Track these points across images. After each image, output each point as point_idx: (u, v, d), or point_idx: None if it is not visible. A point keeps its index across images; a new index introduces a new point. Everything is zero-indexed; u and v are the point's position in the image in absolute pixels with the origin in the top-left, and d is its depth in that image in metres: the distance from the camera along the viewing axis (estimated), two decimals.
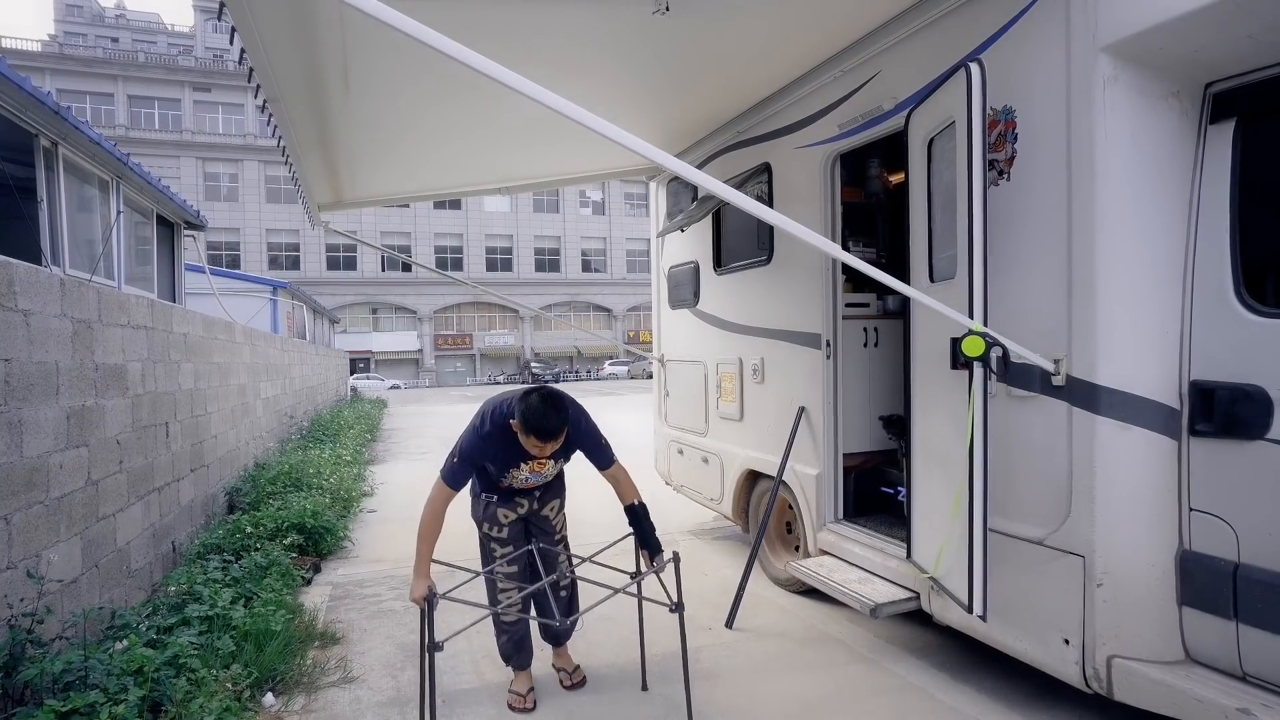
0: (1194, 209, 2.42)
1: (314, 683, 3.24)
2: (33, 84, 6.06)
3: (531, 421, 2.65)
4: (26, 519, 2.72)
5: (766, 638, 3.64)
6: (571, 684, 3.16)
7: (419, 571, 2.69)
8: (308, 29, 3.04)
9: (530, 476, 2.93)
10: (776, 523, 4.57)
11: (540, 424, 2.64)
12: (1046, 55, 2.55)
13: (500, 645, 3.10)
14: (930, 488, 3.02)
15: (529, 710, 2.96)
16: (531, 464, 2.87)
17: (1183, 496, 2.39)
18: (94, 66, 39.58)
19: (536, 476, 2.95)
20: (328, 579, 4.85)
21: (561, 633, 3.17)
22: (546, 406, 2.68)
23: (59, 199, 6.90)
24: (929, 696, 2.99)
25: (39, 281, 2.91)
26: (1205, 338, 2.36)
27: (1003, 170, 2.74)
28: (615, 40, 3.41)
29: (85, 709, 2.33)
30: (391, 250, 13.29)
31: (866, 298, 4.18)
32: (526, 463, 2.86)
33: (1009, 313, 2.69)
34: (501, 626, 3.07)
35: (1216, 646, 2.31)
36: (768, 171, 4.31)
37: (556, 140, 4.71)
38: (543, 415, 2.65)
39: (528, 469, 2.89)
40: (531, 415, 2.65)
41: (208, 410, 5.39)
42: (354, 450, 9.65)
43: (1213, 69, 2.35)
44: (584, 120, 1.93)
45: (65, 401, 3.08)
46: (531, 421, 2.65)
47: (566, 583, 3.16)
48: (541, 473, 2.94)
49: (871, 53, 3.41)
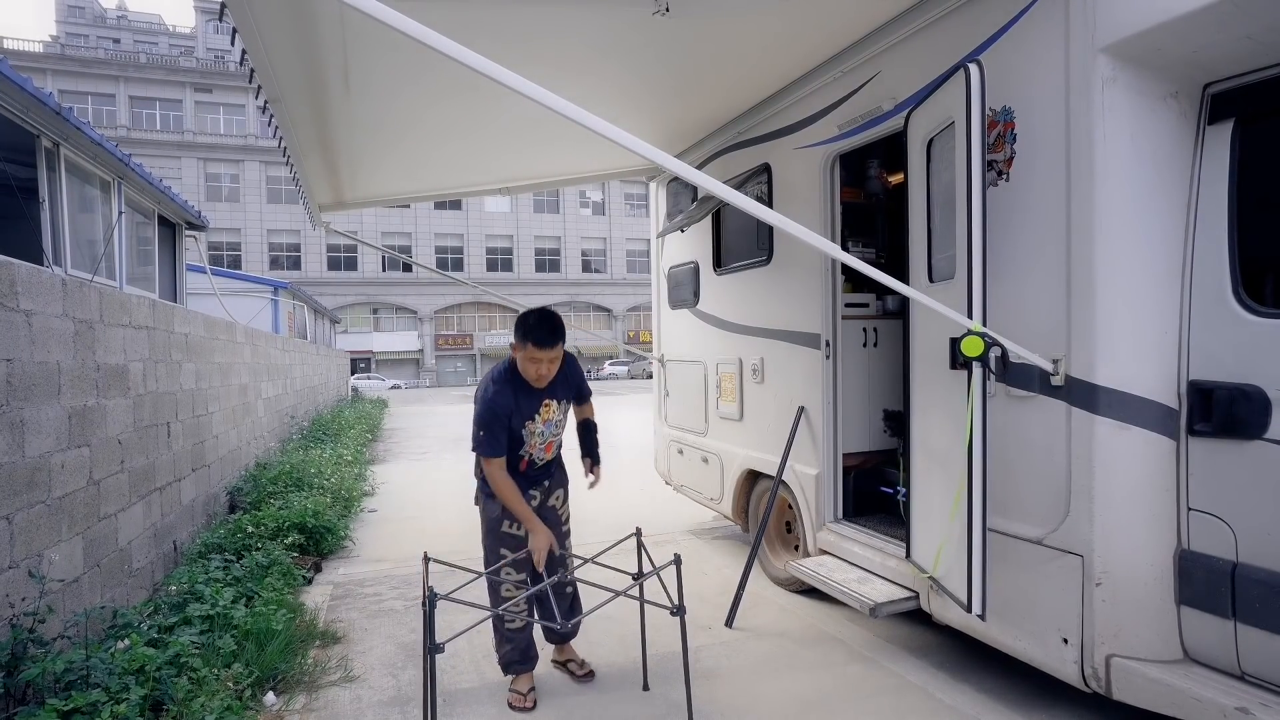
0: (1192, 209, 2.42)
1: (315, 682, 3.24)
2: (34, 85, 6.07)
3: (531, 329, 2.82)
4: (28, 519, 2.73)
5: (766, 637, 3.65)
6: (583, 673, 3.19)
7: (533, 525, 2.85)
8: (309, 30, 3.04)
9: (544, 429, 2.99)
10: (776, 522, 4.57)
11: (539, 326, 2.82)
12: (1045, 56, 2.56)
13: (503, 655, 3.05)
14: (930, 488, 3.03)
15: (529, 710, 2.95)
16: (542, 411, 2.96)
17: (1181, 496, 2.40)
18: (95, 67, 39.62)
19: (549, 427, 3.01)
20: (328, 578, 4.86)
21: (565, 633, 3.19)
22: (540, 316, 2.88)
23: (61, 199, 6.92)
24: (928, 696, 2.99)
25: (41, 282, 2.92)
26: (1204, 338, 2.37)
27: (1002, 171, 2.74)
28: (615, 41, 3.41)
29: (87, 708, 2.33)
30: (392, 250, 13.33)
31: (866, 298, 4.18)
32: (538, 413, 2.96)
33: (1008, 313, 2.70)
34: (506, 635, 3.02)
35: (1215, 646, 2.31)
36: (767, 172, 4.32)
37: (557, 141, 4.72)
38: (539, 321, 2.85)
39: (540, 419, 2.97)
40: (530, 325, 2.84)
41: (209, 410, 5.40)
42: (355, 450, 9.67)
43: (1211, 70, 2.35)
44: (584, 121, 1.94)
45: (67, 401, 3.09)
46: (531, 329, 2.82)
47: (570, 583, 3.16)
48: (551, 420, 3.01)
49: (871, 53, 3.42)
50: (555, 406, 3.01)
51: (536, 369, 2.86)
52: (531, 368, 2.86)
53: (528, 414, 2.93)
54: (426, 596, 2.38)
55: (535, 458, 3.04)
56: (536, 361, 2.83)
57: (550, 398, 2.97)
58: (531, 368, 2.86)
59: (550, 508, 3.14)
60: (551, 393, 2.98)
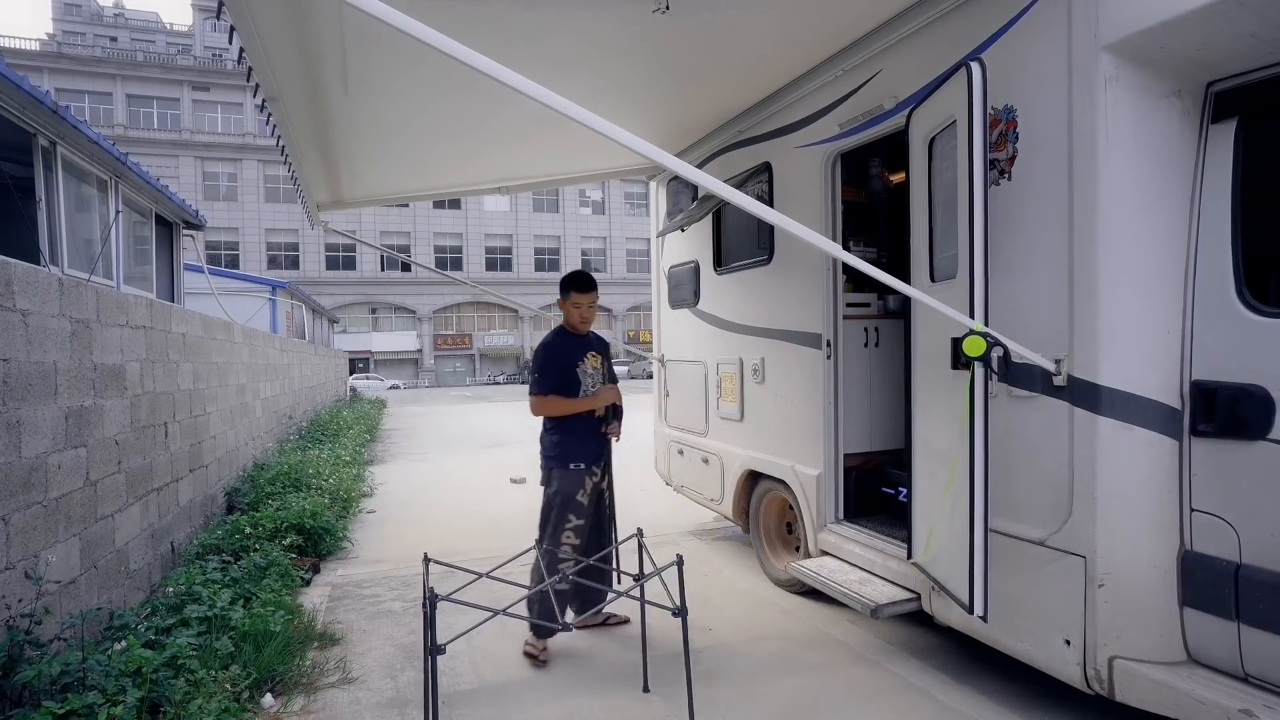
0: (1195, 208, 2.41)
1: (313, 683, 3.23)
2: (31, 83, 6.04)
3: (573, 280, 3.61)
4: (25, 519, 2.71)
5: (767, 638, 3.64)
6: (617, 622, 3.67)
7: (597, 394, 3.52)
8: (306, 28, 3.03)
9: (592, 373, 3.56)
10: (777, 523, 4.57)
11: (577, 277, 3.62)
12: (1048, 54, 2.55)
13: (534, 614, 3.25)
14: (931, 488, 3.01)
15: (543, 663, 3.29)
16: (589, 358, 3.57)
17: (1184, 497, 2.39)
18: (92, 66, 39.55)
19: (595, 374, 3.57)
20: (327, 579, 4.84)
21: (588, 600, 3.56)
22: (577, 272, 3.68)
23: (57, 198, 6.89)
24: (930, 698, 2.98)
25: (37, 281, 2.90)
26: (1207, 337, 2.35)
27: (1004, 169, 2.73)
28: (615, 39, 3.40)
29: (83, 710, 2.32)
30: (391, 250, 13.31)
31: (867, 297, 4.17)
32: (584, 358, 3.56)
33: (1010, 312, 2.69)
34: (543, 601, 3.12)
35: (1218, 647, 2.30)
36: (768, 171, 4.30)
37: (556, 139, 4.70)
38: (576, 274, 3.65)
39: (588, 364, 3.55)
40: (572, 279, 3.63)
41: (206, 410, 5.38)
42: (353, 451, 9.64)
43: (1214, 68, 2.34)
44: (584, 119, 1.92)
45: (64, 402, 3.07)
46: (573, 280, 3.61)
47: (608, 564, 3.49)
48: (596, 370, 3.59)
49: (872, 52, 3.41)
50: (598, 360, 3.62)
51: (580, 313, 3.56)
52: (575, 312, 3.56)
53: (578, 356, 3.55)
54: (427, 597, 2.36)
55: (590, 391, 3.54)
56: (579, 306, 3.55)
57: (591, 350, 3.61)
58: (575, 312, 3.56)
59: (601, 490, 3.58)
60: (590, 345, 3.62)
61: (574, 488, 3.44)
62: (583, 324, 3.59)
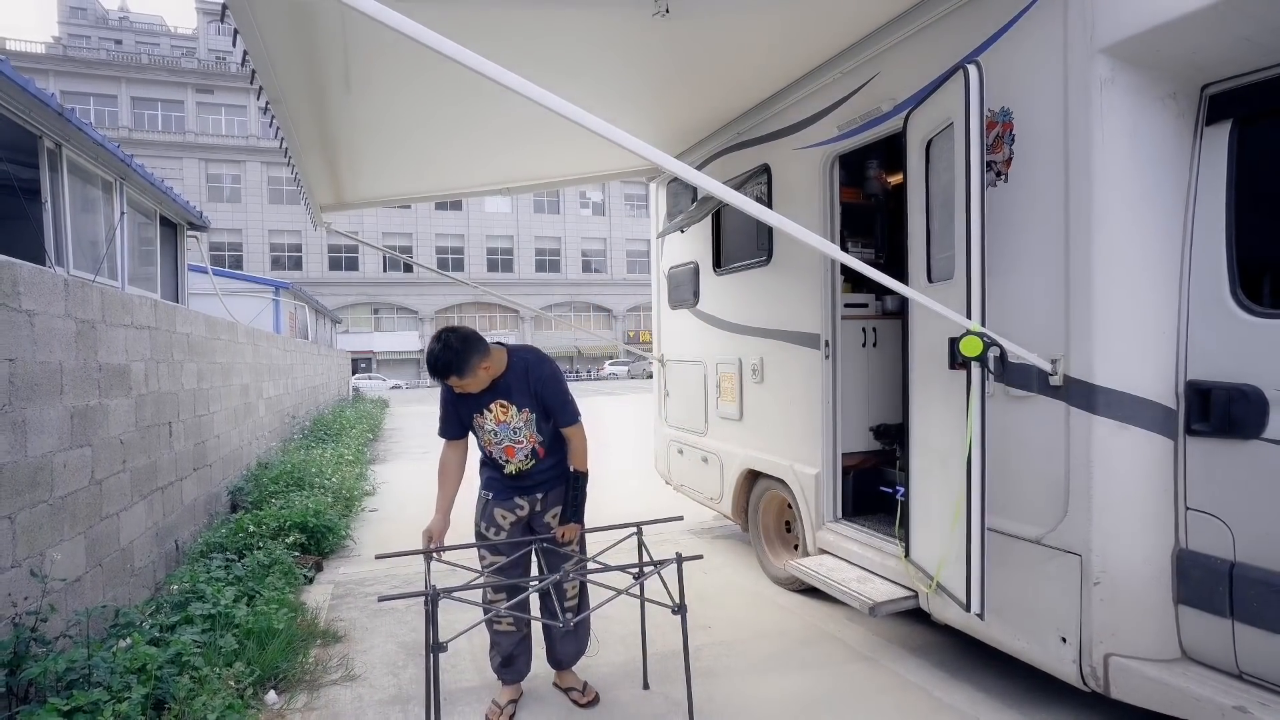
0: (1190, 210, 2.43)
1: (316, 681, 3.25)
2: (37, 86, 6.09)
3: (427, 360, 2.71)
4: (30, 518, 2.74)
5: (766, 636, 3.66)
6: (585, 702, 2.99)
7: (436, 510, 2.87)
8: (310, 31, 3.05)
9: (498, 430, 2.84)
10: (776, 522, 4.58)
11: (427, 361, 2.71)
12: (1044, 57, 2.57)
13: (489, 658, 3.03)
14: (929, 487, 3.03)
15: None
16: (494, 411, 2.83)
17: (1179, 496, 2.41)
18: (97, 68, 39.69)
19: (504, 429, 2.83)
20: (330, 578, 4.87)
21: (564, 656, 3.05)
22: (435, 343, 2.66)
23: (63, 200, 6.94)
24: (928, 695, 3.00)
25: (43, 282, 2.93)
26: (1201, 338, 2.37)
27: (1001, 171, 2.75)
28: (615, 42, 3.42)
29: (89, 707, 2.34)
30: (393, 251, 13.32)
31: (865, 298, 4.19)
32: (486, 409, 2.83)
33: (1007, 313, 2.71)
34: (492, 639, 2.97)
35: (1213, 645, 2.32)
36: (767, 172, 4.32)
37: (557, 141, 4.73)
38: (429, 353, 2.68)
39: (491, 418, 2.83)
40: (426, 354, 2.71)
41: (210, 410, 5.41)
42: (356, 450, 9.68)
43: (1209, 71, 2.36)
44: (584, 121, 1.94)
45: (69, 401, 3.10)
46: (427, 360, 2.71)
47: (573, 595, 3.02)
48: (506, 422, 2.83)
49: (870, 54, 3.43)
50: (513, 411, 2.83)
51: (459, 391, 2.79)
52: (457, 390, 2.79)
53: (473, 408, 2.85)
54: (429, 595, 2.38)
55: (497, 457, 2.89)
56: (457, 386, 2.75)
57: (503, 399, 2.82)
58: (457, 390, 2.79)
59: (545, 524, 2.98)
60: (506, 395, 2.82)
61: (480, 517, 2.98)
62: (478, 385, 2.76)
